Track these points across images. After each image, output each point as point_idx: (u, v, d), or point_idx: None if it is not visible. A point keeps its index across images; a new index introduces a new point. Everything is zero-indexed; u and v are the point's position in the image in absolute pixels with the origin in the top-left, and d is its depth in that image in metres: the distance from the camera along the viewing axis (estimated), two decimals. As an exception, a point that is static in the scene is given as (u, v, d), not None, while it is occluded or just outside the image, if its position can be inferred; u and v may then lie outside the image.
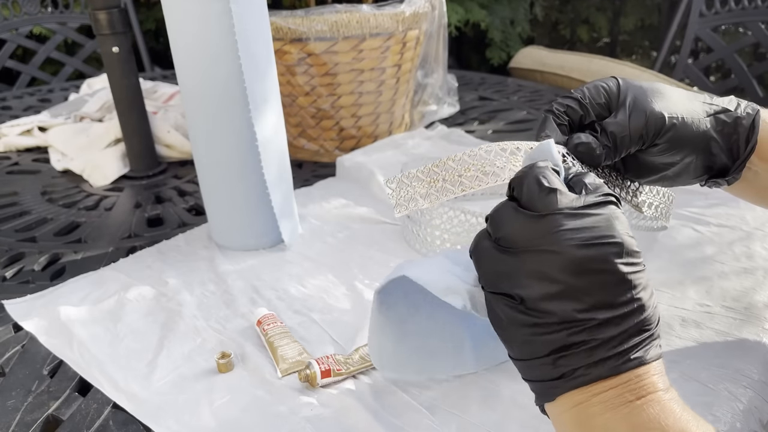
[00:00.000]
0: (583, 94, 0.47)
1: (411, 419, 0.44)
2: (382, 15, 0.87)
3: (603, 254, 0.32)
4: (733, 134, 0.46)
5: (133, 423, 0.46)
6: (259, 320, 0.54)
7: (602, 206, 0.34)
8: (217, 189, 0.68)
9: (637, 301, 0.33)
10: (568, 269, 0.32)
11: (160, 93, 1.16)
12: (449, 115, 1.12)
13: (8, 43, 1.75)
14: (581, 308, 0.32)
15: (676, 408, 0.32)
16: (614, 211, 0.34)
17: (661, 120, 0.45)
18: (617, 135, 0.45)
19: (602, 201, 0.34)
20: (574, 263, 0.32)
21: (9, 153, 1.08)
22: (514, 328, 0.34)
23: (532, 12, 2.85)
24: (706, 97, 0.47)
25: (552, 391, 0.34)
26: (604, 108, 0.47)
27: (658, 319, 0.34)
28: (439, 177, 0.42)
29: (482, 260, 0.36)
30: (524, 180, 0.35)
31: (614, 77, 0.48)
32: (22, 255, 0.72)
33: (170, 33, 0.62)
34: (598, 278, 0.32)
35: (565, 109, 0.46)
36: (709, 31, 1.63)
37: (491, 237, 0.35)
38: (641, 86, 0.47)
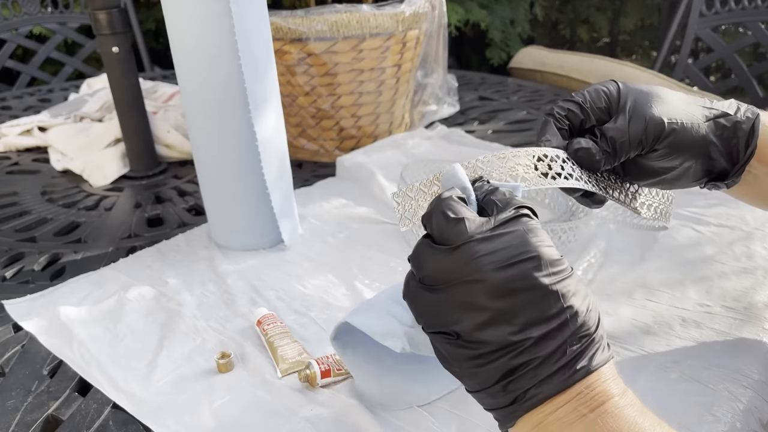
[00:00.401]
0: (584, 97, 0.47)
1: (411, 419, 0.44)
2: (382, 15, 0.87)
3: (522, 271, 0.32)
4: (732, 138, 0.46)
5: (133, 423, 0.46)
6: (259, 320, 0.54)
7: (513, 222, 0.34)
8: (217, 189, 0.68)
9: (569, 310, 0.32)
10: (492, 294, 0.32)
11: (160, 93, 1.16)
12: (449, 115, 1.12)
13: (8, 43, 1.75)
14: (514, 330, 0.32)
15: (631, 414, 0.32)
16: (527, 223, 0.34)
17: (660, 126, 0.45)
18: (617, 140, 0.45)
19: (513, 216, 0.34)
20: (496, 287, 0.32)
21: (9, 153, 1.08)
22: (458, 363, 0.34)
23: (532, 12, 2.85)
24: (706, 101, 0.47)
25: (510, 416, 0.34)
26: (605, 112, 0.47)
27: (597, 322, 0.34)
28: (440, 189, 0.42)
29: (413, 302, 0.36)
30: (432, 215, 0.35)
31: (614, 81, 0.48)
32: (22, 255, 0.72)
33: (170, 33, 0.62)
34: (523, 296, 0.32)
35: (566, 112, 0.46)
36: (709, 31, 1.63)
37: (416, 277, 0.35)
38: (641, 90, 0.47)
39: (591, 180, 0.46)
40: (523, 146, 0.46)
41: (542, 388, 0.32)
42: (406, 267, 0.64)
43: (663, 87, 0.48)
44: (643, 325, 0.53)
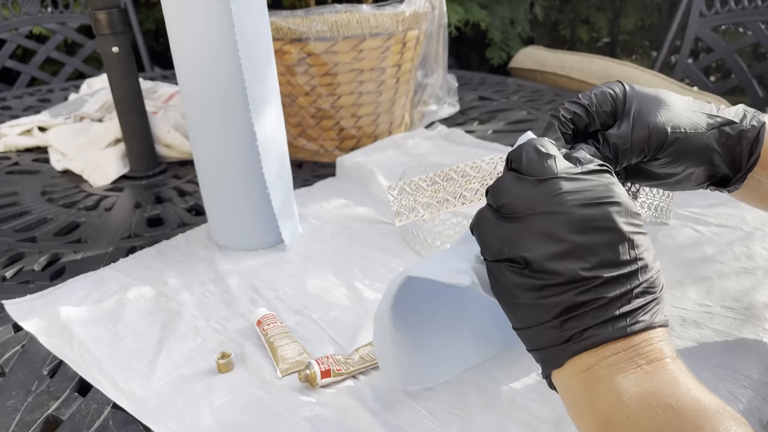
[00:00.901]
0: (591, 101, 0.46)
1: (411, 419, 0.44)
2: (382, 15, 0.87)
3: (605, 213, 0.33)
4: (736, 147, 0.46)
5: (132, 423, 0.46)
6: (259, 320, 0.54)
7: (599, 173, 0.35)
8: (217, 189, 0.68)
9: (641, 260, 0.33)
10: (572, 228, 0.33)
11: (160, 93, 1.16)
12: (449, 115, 1.12)
13: (8, 43, 1.75)
14: (587, 267, 0.33)
15: (686, 377, 0.32)
16: (610, 177, 0.36)
17: (663, 134, 0.45)
18: (619, 147, 0.45)
19: (598, 169, 0.36)
20: (577, 222, 0.33)
21: (9, 153, 1.08)
22: (519, 293, 0.35)
23: (532, 12, 2.85)
24: (712, 107, 0.47)
25: (560, 357, 0.34)
26: (610, 116, 0.47)
27: (662, 285, 0.35)
28: (441, 188, 0.42)
29: (485, 230, 0.36)
30: (522, 149, 0.36)
31: (620, 82, 0.47)
32: (22, 255, 0.72)
33: (170, 33, 0.62)
34: (601, 236, 0.33)
35: (572, 116, 0.46)
36: (709, 31, 1.63)
37: (493, 208, 0.36)
38: (647, 95, 0.46)
39: None
40: None
41: (602, 329, 0.33)
42: (404, 266, 0.64)
43: (669, 91, 0.48)
44: (643, 325, 0.53)
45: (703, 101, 0.48)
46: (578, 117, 0.46)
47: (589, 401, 0.33)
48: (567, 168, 0.35)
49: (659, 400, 0.31)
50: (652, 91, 0.47)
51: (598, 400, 0.33)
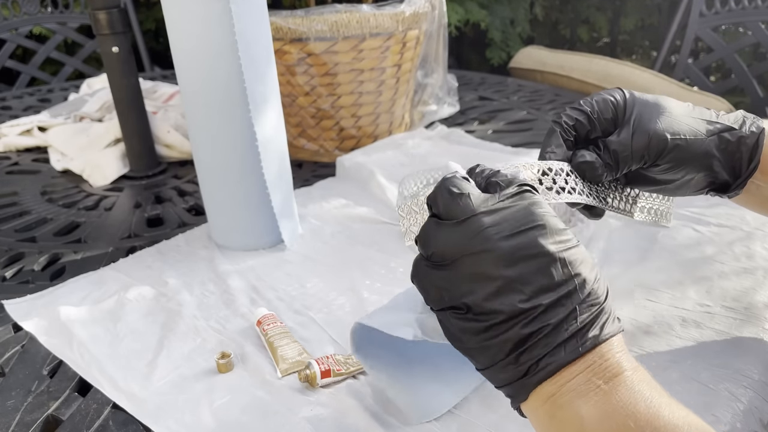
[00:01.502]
0: (592, 107, 0.47)
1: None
2: (382, 15, 0.87)
3: (530, 239, 0.33)
4: (735, 153, 0.47)
5: (132, 423, 0.46)
6: (259, 320, 0.54)
7: (518, 197, 0.35)
8: (217, 189, 0.68)
9: (577, 277, 0.33)
10: (500, 263, 0.33)
11: (160, 93, 1.16)
12: (449, 115, 1.12)
13: (8, 43, 1.75)
14: (524, 298, 0.32)
15: (645, 390, 0.32)
16: (531, 197, 0.35)
17: (663, 142, 0.45)
18: (619, 154, 0.46)
19: (517, 192, 0.35)
20: (504, 256, 0.33)
21: (9, 153, 1.08)
22: (468, 337, 0.34)
23: (532, 12, 2.85)
24: (712, 113, 0.47)
25: (523, 390, 0.34)
26: (611, 123, 0.47)
27: (606, 292, 0.34)
28: None
29: (422, 281, 0.36)
30: (437, 193, 0.36)
31: (621, 90, 0.48)
32: (22, 255, 0.72)
33: (170, 33, 0.62)
34: (531, 264, 0.33)
35: (574, 122, 0.47)
36: (709, 31, 1.62)
37: (425, 257, 0.36)
38: (647, 102, 0.47)
39: (592, 191, 0.47)
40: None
41: (555, 356, 0.32)
42: (406, 267, 0.64)
43: (668, 97, 0.48)
44: (643, 325, 0.53)
45: (702, 108, 0.48)
46: (580, 123, 0.47)
47: (556, 430, 0.33)
48: (484, 201, 0.35)
49: (618, 421, 0.31)
50: (652, 98, 0.47)
51: (564, 428, 0.33)
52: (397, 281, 0.62)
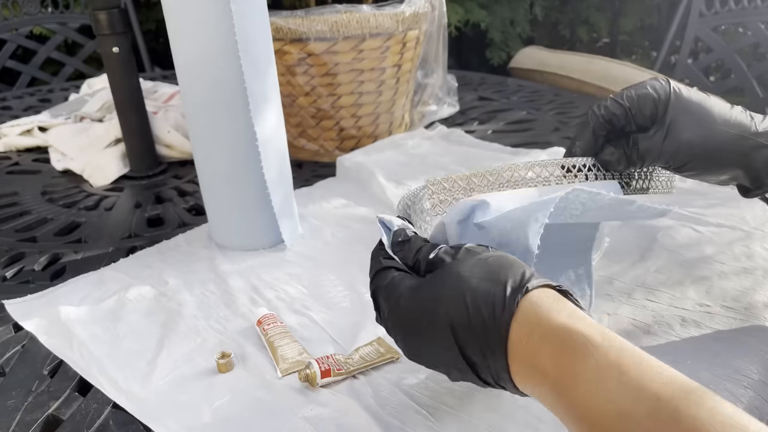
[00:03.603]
0: (632, 103, 0.46)
1: (411, 419, 0.44)
2: (382, 15, 0.87)
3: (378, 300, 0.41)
4: (762, 169, 0.46)
5: (133, 423, 0.46)
6: (259, 320, 0.54)
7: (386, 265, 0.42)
8: (217, 189, 0.68)
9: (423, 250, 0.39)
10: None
11: (160, 93, 1.16)
12: (449, 115, 1.12)
13: (8, 43, 1.75)
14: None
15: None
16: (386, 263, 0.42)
17: (691, 154, 0.46)
18: (646, 154, 0.46)
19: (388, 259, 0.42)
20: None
21: (9, 153, 1.08)
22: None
23: (532, 12, 2.85)
24: (753, 125, 0.46)
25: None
26: (648, 120, 0.47)
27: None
28: (476, 188, 0.44)
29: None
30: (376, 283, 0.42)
31: (669, 83, 0.47)
32: (23, 255, 0.72)
33: (170, 33, 0.62)
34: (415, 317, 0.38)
35: (611, 117, 0.47)
36: (709, 31, 1.63)
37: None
38: (689, 105, 0.46)
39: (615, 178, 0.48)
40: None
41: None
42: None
43: (716, 100, 0.47)
44: (642, 325, 0.53)
45: (746, 116, 0.47)
46: (616, 118, 0.47)
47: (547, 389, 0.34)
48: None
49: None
50: (696, 101, 0.46)
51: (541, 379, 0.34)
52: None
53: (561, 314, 0.33)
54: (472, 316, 0.34)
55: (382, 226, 0.44)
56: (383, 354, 0.50)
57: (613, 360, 0.30)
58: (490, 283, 0.35)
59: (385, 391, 0.47)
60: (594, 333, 0.31)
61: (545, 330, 0.32)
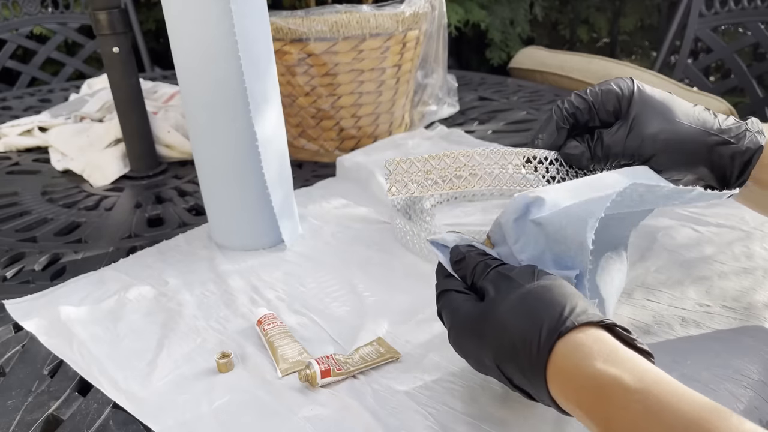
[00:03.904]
0: (596, 98, 0.47)
1: (411, 419, 0.44)
2: (382, 15, 0.87)
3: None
4: (727, 167, 0.47)
5: (133, 423, 0.46)
6: (259, 320, 0.54)
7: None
8: (217, 189, 0.68)
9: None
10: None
11: (161, 93, 1.16)
12: (449, 115, 1.12)
13: (8, 44, 1.75)
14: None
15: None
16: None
17: (654, 148, 0.46)
18: (610, 149, 0.46)
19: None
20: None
21: (9, 153, 1.08)
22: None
23: (531, 12, 2.85)
24: (716, 122, 0.47)
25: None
26: (611, 115, 0.47)
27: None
28: (434, 170, 0.44)
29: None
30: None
31: (632, 80, 0.47)
32: (23, 255, 0.72)
33: (170, 33, 0.62)
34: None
35: (574, 110, 0.47)
36: (709, 31, 1.63)
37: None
38: (652, 102, 0.46)
39: (578, 176, 0.47)
40: (523, 146, 0.48)
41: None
42: (406, 267, 0.64)
43: (678, 98, 0.48)
44: (643, 325, 0.53)
45: (708, 113, 0.48)
46: (580, 112, 0.47)
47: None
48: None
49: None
50: (659, 98, 0.47)
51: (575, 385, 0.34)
52: (397, 281, 0.62)
53: (597, 359, 0.33)
54: (512, 357, 0.37)
55: (437, 248, 0.44)
56: (383, 354, 0.50)
57: (650, 405, 0.31)
58: (528, 325, 0.36)
59: (385, 391, 0.47)
60: (628, 378, 0.32)
61: (582, 378, 0.33)
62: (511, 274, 0.39)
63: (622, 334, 0.35)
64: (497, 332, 0.37)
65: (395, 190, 0.44)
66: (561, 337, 0.34)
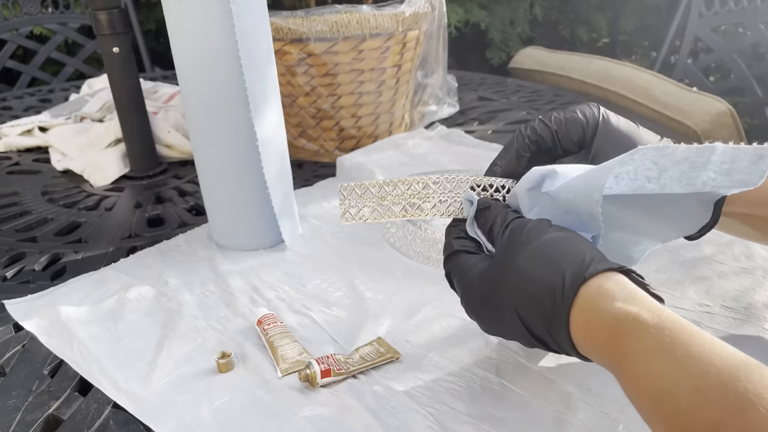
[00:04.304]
0: (560, 126, 0.46)
1: (411, 419, 0.44)
2: (382, 15, 0.87)
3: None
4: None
5: (133, 423, 0.46)
6: (259, 320, 0.54)
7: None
8: (217, 189, 0.68)
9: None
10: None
11: (161, 93, 1.16)
12: (449, 115, 1.12)
13: (9, 44, 1.75)
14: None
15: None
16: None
17: None
18: None
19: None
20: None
21: (9, 153, 1.08)
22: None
23: (531, 12, 2.85)
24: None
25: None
26: (575, 145, 0.47)
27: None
28: (389, 196, 0.45)
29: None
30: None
31: (599, 109, 0.47)
32: (23, 255, 0.72)
33: (170, 33, 0.62)
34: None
35: (537, 138, 0.47)
36: (709, 31, 1.63)
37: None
38: (617, 134, 0.46)
39: None
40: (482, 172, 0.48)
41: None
42: (406, 267, 0.64)
43: (647, 132, 0.47)
44: (642, 325, 0.53)
45: (676, 148, 0.46)
46: (542, 140, 0.47)
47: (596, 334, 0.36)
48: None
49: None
50: (624, 131, 0.46)
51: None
52: (397, 281, 0.62)
53: (617, 299, 0.35)
54: (535, 304, 0.37)
55: (467, 200, 0.45)
56: (383, 354, 0.50)
57: (665, 339, 0.32)
58: (550, 273, 0.37)
59: (385, 391, 0.47)
60: (646, 314, 0.33)
61: (602, 317, 0.35)
62: (529, 225, 0.40)
63: (639, 280, 0.37)
64: (518, 281, 0.38)
65: (348, 216, 0.45)
66: (584, 282, 0.36)
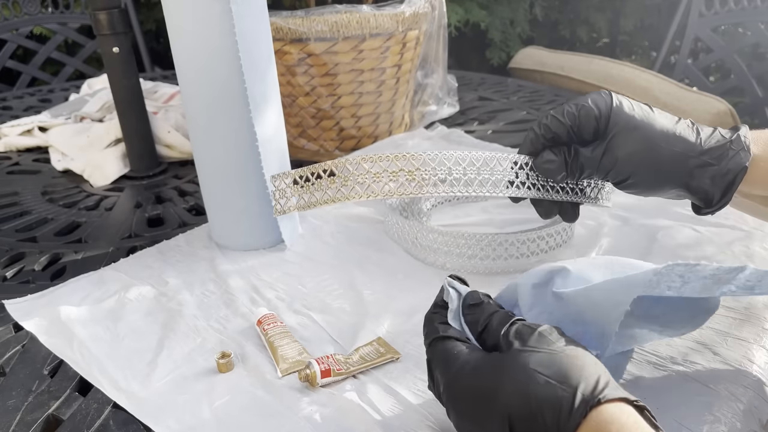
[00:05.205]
0: (574, 121, 0.46)
1: (411, 419, 0.44)
2: (382, 15, 0.87)
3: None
4: (708, 189, 0.46)
5: (133, 423, 0.46)
6: (259, 320, 0.54)
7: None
8: (217, 189, 0.68)
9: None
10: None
11: (161, 93, 1.16)
12: (449, 115, 1.12)
13: (8, 44, 1.75)
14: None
15: None
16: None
17: (629, 171, 0.45)
18: (585, 167, 0.46)
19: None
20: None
21: (9, 153, 1.08)
22: None
23: (531, 12, 2.85)
24: (698, 143, 0.45)
25: None
26: (590, 134, 0.47)
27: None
28: (311, 184, 0.45)
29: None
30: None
31: (611, 97, 0.46)
32: (23, 255, 0.72)
33: (170, 33, 0.62)
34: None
35: (552, 135, 0.47)
36: (709, 31, 1.63)
37: None
38: (630, 124, 0.45)
39: (546, 184, 0.48)
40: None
41: None
42: (405, 267, 0.64)
43: (661, 116, 0.47)
44: (642, 325, 0.53)
45: (691, 131, 0.46)
46: (557, 137, 0.47)
47: None
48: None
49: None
50: (638, 117, 0.46)
51: None
52: (397, 281, 0.62)
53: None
54: (534, 416, 0.33)
55: (452, 289, 0.42)
56: (383, 354, 0.50)
57: None
58: (560, 386, 0.33)
59: (385, 391, 0.47)
60: None
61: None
62: (541, 330, 0.37)
63: (652, 421, 0.34)
64: (520, 385, 0.34)
65: (279, 207, 0.44)
66: (597, 405, 0.33)
